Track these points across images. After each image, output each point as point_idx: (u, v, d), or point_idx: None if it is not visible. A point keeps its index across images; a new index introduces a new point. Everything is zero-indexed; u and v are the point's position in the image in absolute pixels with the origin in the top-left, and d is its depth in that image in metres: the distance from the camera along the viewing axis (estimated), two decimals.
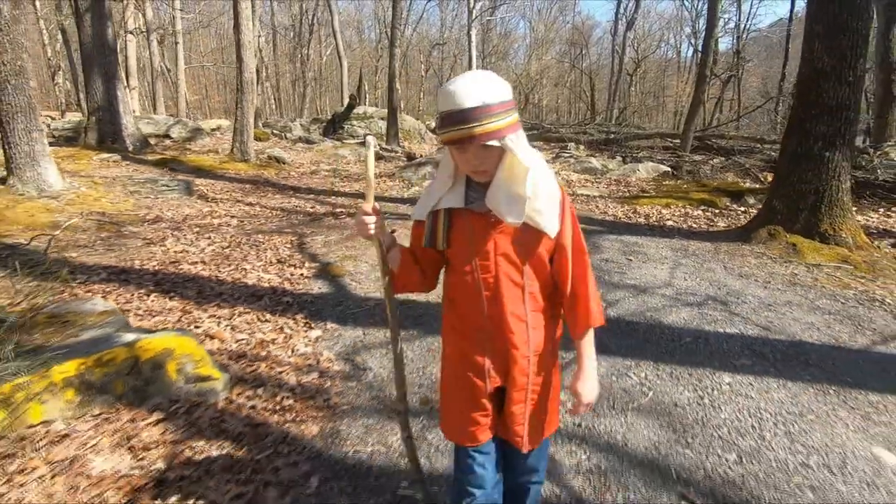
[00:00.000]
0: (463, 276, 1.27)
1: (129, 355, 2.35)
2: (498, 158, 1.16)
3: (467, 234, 1.24)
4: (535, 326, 1.27)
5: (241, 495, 1.84)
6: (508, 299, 1.23)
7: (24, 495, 1.79)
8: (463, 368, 1.32)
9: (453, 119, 1.08)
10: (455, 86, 1.08)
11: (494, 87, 1.09)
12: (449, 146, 1.16)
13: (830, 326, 3.38)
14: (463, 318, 1.30)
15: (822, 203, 4.97)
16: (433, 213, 1.26)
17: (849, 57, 4.79)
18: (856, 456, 2.13)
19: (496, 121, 1.08)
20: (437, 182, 1.28)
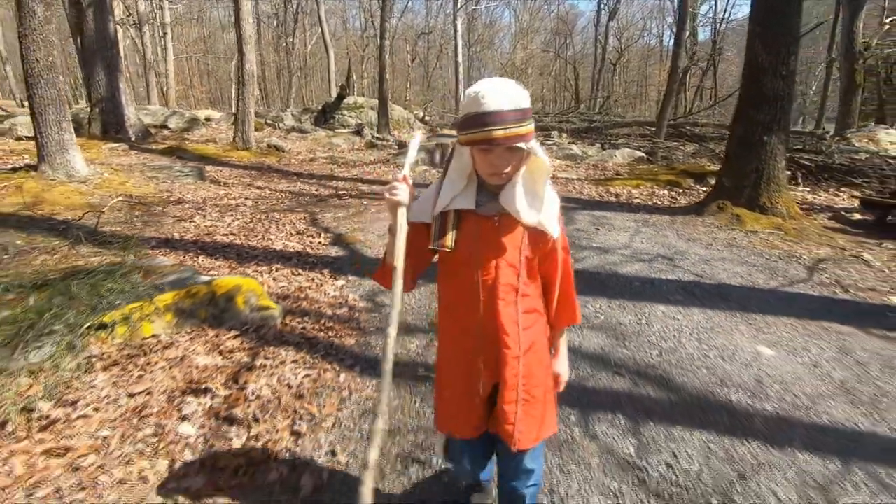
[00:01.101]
0: (462, 277, 1.31)
1: (207, 290, 3.14)
2: (518, 162, 1.21)
3: (473, 236, 1.27)
4: (525, 327, 1.32)
5: (308, 375, 2.65)
6: (503, 301, 1.28)
7: (154, 379, 2.57)
8: (457, 367, 1.38)
9: (484, 120, 1.12)
10: (487, 90, 1.13)
11: (522, 94, 1.15)
12: (472, 147, 1.19)
13: (751, 274, 4.29)
14: (458, 319, 1.35)
15: (761, 180, 5.88)
16: (443, 213, 1.28)
17: (782, 54, 5.67)
18: (743, 351, 3.01)
19: (524, 125, 1.14)
20: (449, 182, 1.28)
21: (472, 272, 1.28)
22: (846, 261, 4.76)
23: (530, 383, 1.34)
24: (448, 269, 1.35)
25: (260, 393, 2.46)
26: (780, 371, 2.80)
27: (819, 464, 2.10)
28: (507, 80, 1.16)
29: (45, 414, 2.24)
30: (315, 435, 2.22)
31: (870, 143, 13.98)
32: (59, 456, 2.03)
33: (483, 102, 1.11)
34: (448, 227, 1.26)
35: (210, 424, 2.25)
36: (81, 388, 2.43)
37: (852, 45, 15.77)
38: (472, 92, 1.14)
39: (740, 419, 2.39)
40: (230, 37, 41.52)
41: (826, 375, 2.76)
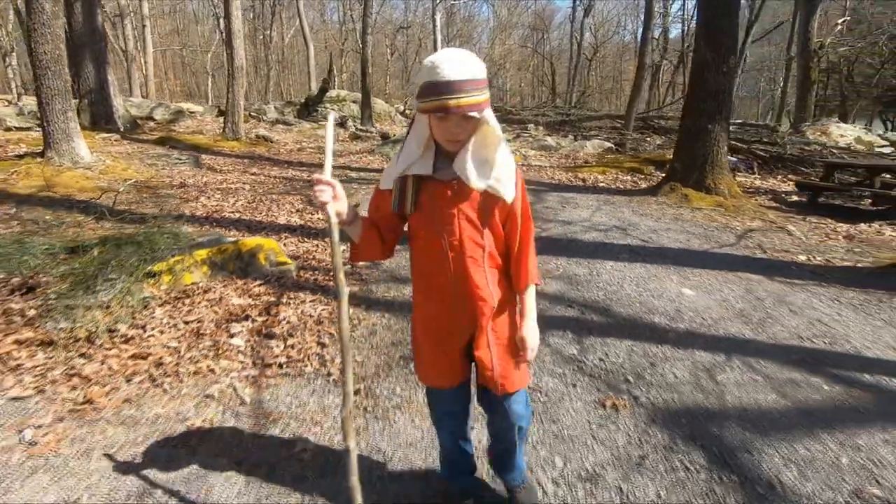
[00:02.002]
0: (429, 239, 1.40)
1: (234, 248, 3.81)
2: (473, 129, 1.28)
3: (433, 199, 1.36)
4: (494, 282, 1.43)
5: (325, 310, 3.35)
6: (471, 259, 1.38)
7: (201, 313, 3.24)
8: (433, 324, 1.48)
9: (440, 89, 1.18)
10: (443, 59, 1.19)
11: (478, 64, 1.22)
12: (430, 114, 1.26)
13: (689, 240, 5.13)
14: (430, 278, 1.45)
15: (706, 164, 6.75)
16: (401, 178, 1.36)
17: (723, 52, 6.53)
18: (670, 291, 3.82)
19: (478, 94, 1.21)
20: (407, 150, 1.35)
21: (438, 234, 1.37)
22: (772, 231, 5.64)
23: (502, 333, 1.47)
24: (415, 233, 1.44)
25: (289, 319, 3.16)
26: (696, 304, 3.61)
27: (709, 357, 2.90)
28: (462, 50, 1.23)
29: (123, 333, 2.90)
30: (336, 345, 2.93)
31: (822, 135, 15.17)
32: (143, 358, 2.70)
33: (439, 72, 1.18)
34: (407, 191, 1.36)
35: (254, 339, 2.94)
36: (145, 318, 3.09)
37: (807, 44, 16.94)
38: (429, 62, 1.21)
39: (659, 333, 3.18)
40: (204, 29, 41.41)
41: (730, 306, 3.58)
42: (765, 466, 2.06)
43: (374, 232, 1.43)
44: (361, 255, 1.47)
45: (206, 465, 1.99)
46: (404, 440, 2.18)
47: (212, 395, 2.44)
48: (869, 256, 4.82)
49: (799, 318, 3.42)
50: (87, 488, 1.86)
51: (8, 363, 2.60)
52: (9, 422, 2.20)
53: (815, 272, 4.36)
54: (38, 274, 3.49)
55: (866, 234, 5.65)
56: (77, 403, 2.32)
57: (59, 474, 1.92)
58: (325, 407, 2.39)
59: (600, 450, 2.14)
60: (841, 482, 1.99)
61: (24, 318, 3.00)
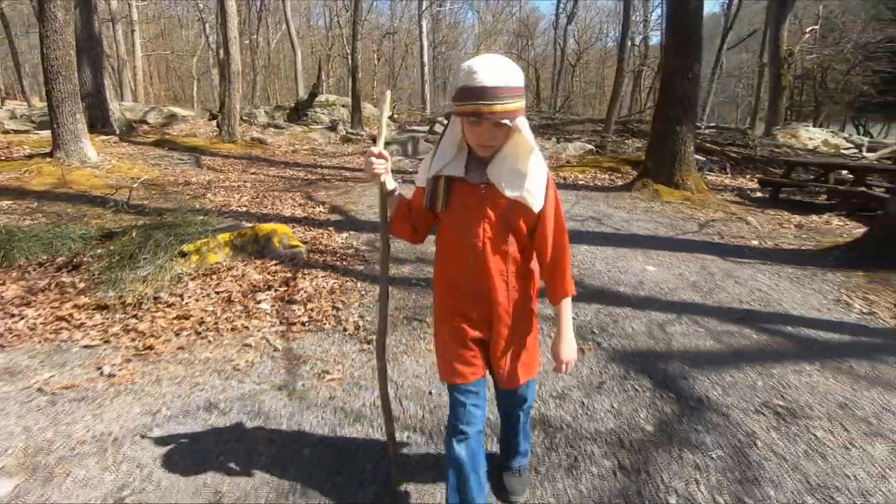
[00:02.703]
0: (454, 238, 1.44)
1: (252, 232, 4.33)
2: (505, 136, 1.31)
3: (462, 201, 1.40)
4: (514, 286, 1.46)
5: (336, 282, 3.88)
6: (492, 262, 1.41)
7: (228, 286, 3.74)
8: (452, 316, 1.52)
9: (476, 94, 1.21)
10: (482, 64, 1.22)
11: (515, 72, 1.25)
12: (463, 118, 1.29)
13: (657, 229, 5.75)
14: (452, 275, 1.49)
15: (675, 162, 7.41)
16: (434, 178, 1.40)
17: (689, 61, 7.21)
18: (635, 268, 4.41)
19: (513, 102, 1.24)
20: (441, 150, 1.40)
21: (463, 234, 1.41)
22: (732, 221, 6.30)
23: (518, 336, 1.52)
24: (443, 230, 1.49)
25: (306, 290, 3.69)
26: (656, 277, 4.21)
27: (662, 316, 3.49)
28: (501, 57, 1.26)
29: (165, 300, 3.40)
30: (348, 309, 3.47)
31: (792, 138, 16.06)
32: (186, 318, 3.21)
33: (475, 77, 1.21)
34: (439, 191, 1.40)
35: (278, 304, 3.46)
36: (181, 289, 3.59)
37: (778, 51, 17.89)
38: (468, 66, 1.24)
39: (622, 299, 3.77)
40: (189, 33, 41.63)
41: (685, 279, 4.19)
42: (697, 388, 2.65)
43: (406, 212, 1.55)
44: (394, 229, 1.58)
45: (253, 389, 2.52)
46: (411, 373, 2.72)
47: (249, 345, 2.96)
48: (813, 241, 5.48)
49: (742, 288, 4.04)
50: (163, 404, 2.37)
51: (72, 322, 3.09)
52: (87, 362, 2.70)
53: (763, 253, 5.00)
54: (78, 255, 3.97)
55: (815, 224, 6.34)
56: (139, 350, 2.83)
57: (138, 395, 2.43)
58: (344, 353, 2.92)
59: (568, 378, 2.71)
60: (754, 397, 2.58)
61: (76, 289, 3.48)
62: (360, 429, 2.26)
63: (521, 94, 1.26)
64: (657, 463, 2.10)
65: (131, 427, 2.20)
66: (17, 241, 3.97)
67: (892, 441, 2.26)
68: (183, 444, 2.11)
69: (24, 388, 2.45)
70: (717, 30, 28.02)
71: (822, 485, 1.99)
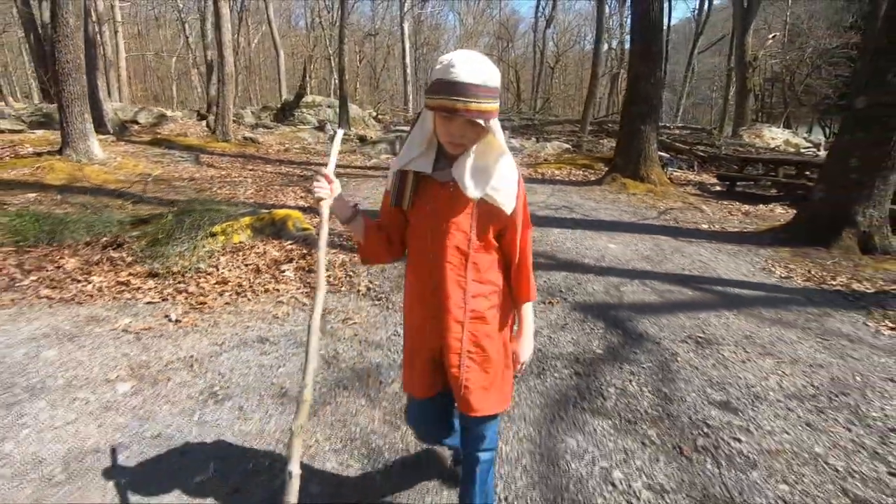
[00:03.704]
0: (418, 238, 1.41)
1: (269, 217, 5.02)
2: (476, 136, 1.27)
3: (428, 199, 1.36)
4: (474, 295, 1.39)
5: (347, 257, 4.59)
6: (450, 265, 1.36)
7: (254, 260, 4.43)
8: (413, 325, 1.51)
9: (452, 89, 1.17)
10: (461, 59, 1.18)
11: (493, 71, 1.21)
12: (436, 112, 1.23)
13: (621, 215, 6.59)
14: (416, 279, 1.46)
15: (640, 158, 8.29)
16: (401, 172, 1.35)
17: (651, 67, 8.10)
18: (598, 245, 5.22)
19: (489, 102, 1.20)
20: (410, 144, 1.35)
21: (427, 234, 1.37)
22: (688, 209, 7.18)
23: (479, 354, 1.41)
24: (411, 230, 1.43)
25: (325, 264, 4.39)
26: (615, 252, 5.02)
27: (618, 280, 4.29)
28: (482, 55, 1.21)
29: (203, 270, 4.09)
30: (358, 276, 4.19)
31: (756, 138, 17.21)
32: (225, 283, 3.90)
33: (453, 71, 1.16)
34: (406, 186, 1.34)
35: (300, 273, 4.17)
36: (215, 262, 4.27)
37: (743, 56, 19.10)
38: (446, 59, 1.20)
39: (586, 268, 4.56)
40: (166, 34, 41.66)
41: (640, 253, 5.01)
42: (638, 327, 3.44)
43: (381, 233, 1.45)
44: (367, 254, 1.50)
45: (293, 329, 3.23)
46: None
47: (282, 301, 3.66)
48: (754, 225, 6.38)
49: (686, 259, 4.87)
50: (225, 339, 3.07)
51: (130, 286, 3.76)
52: (154, 313, 3.38)
53: (710, 235, 5.87)
54: (119, 236, 4.62)
55: (761, 212, 7.26)
56: (194, 305, 3.51)
57: (204, 334, 3.13)
58: (360, 307, 3.65)
59: (539, 321, 3.48)
60: (681, 332, 3.38)
61: (125, 262, 4.14)
62: (379, 353, 2.99)
63: (497, 95, 1.24)
64: (602, 371, 2.88)
65: (206, 353, 2.90)
66: (65, 224, 4.59)
67: (777, 358, 3.08)
68: (249, 361, 2.83)
69: (112, 329, 3.13)
70: (689, 35, 29.38)
71: (721, 382, 2.79)
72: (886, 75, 4.86)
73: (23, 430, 2.21)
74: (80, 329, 3.12)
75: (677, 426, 2.40)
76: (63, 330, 3.10)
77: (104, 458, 2.07)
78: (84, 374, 2.64)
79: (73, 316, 3.29)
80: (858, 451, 2.26)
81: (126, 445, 2.14)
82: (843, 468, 2.15)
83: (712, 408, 2.55)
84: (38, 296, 3.55)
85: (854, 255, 5.07)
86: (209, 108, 18.74)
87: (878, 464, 2.18)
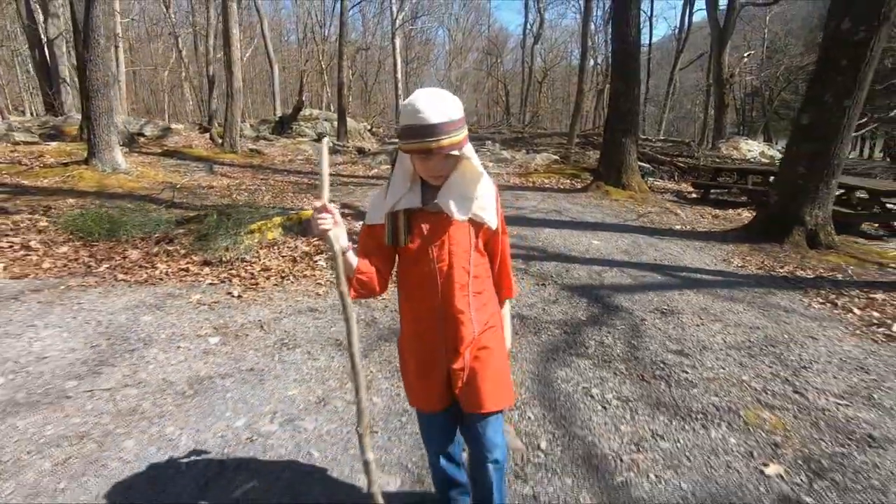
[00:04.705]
0: (420, 266, 1.51)
1: (297, 216, 5.78)
2: (454, 165, 1.44)
3: (425, 230, 1.48)
4: (478, 307, 1.55)
5: None
6: (458, 284, 1.50)
7: (288, 252, 5.18)
8: (419, 346, 1.59)
9: (421, 132, 1.32)
10: (421, 103, 1.32)
11: (454, 105, 1.36)
12: (412, 154, 1.39)
13: (604, 217, 7.45)
14: (419, 303, 1.55)
15: (622, 167, 9.19)
16: (393, 214, 1.48)
17: (631, 85, 9.03)
18: (584, 242, 6.05)
19: (457, 134, 1.36)
20: (394, 186, 1.49)
21: (429, 262, 1.48)
22: (665, 213, 8.06)
23: (484, 355, 1.56)
24: (407, 261, 1.54)
25: None
26: (599, 247, 5.85)
27: (599, 268, 5.11)
28: (440, 91, 1.36)
29: (249, 259, 4.83)
30: None
31: (734, 150, 18.33)
32: (269, 270, 4.64)
33: (420, 116, 1.31)
34: (399, 225, 1.47)
35: (331, 263, 4.92)
36: (256, 254, 5.01)
37: (721, 73, 20.35)
38: (410, 105, 1.33)
39: (573, 258, 5.38)
40: (156, 47, 42.40)
41: (619, 248, 5.85)
42: (615, 302, 4.25)
43: (367, 265, 1.51)
44: (357, 289, 1.51)
45: (335, 302, 3.99)
46: None
47: (320, 283, 4.42)
48: (721, 226, 7.27)
49: (659, 253, 5.72)
50: (281, 310, 3.82)
51: (190, 272, 4.49)
52: (218, 290, 4.12)
53: (682, 234, 6.74)
54: (168, 233, 5.35)
55: (729, 216, 8.17)
56: (248, 286, 4.26)
57: (264, 305, 3.88)
58: None
59: (535, 298, 4.27)
60: (650, 305, 4.20)
61: (179, 254, 4.87)
62: None
63: (463, 125, 1.39)
64: (585, 331, 3.68)
65: (270, 318, 3.66)
66: (121, 223, 5.31)
67: (725, 322, 3.90)
68: (306, 323, 3.59)
69: (188, 302, 3.87)
70: (671, 52, 30.79)
71: (678, 338, 3.60)
72: (824, 97, 5.79)
73: (149, 366, 2.94)
74: (163, 302, 3.85)
75: (641, 364, 3.20)
76: (148, 302, 3.83)
77: (218, 381, 2.81)
78: (179, 331, 3.38)
79: (153, 293, 4.02)
80: (774, 379, 3.07)
81: (230, 374, 2.88)
82: (760, 388, 2.96)
83: (669, 354, 3.35)
84: (116, 279, 4.27)
85: (802, 249, 5.95)
86: (210, 121, 19.48)
87: (786, 386, 2.99)
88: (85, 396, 2.62)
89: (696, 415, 2.67)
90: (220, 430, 2.40)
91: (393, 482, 2.11)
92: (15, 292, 3.88)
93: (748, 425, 2.59)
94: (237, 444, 2.31)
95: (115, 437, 2.32)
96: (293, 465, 2.19)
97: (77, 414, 2.48)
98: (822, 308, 4.27)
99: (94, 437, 2.31)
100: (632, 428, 2.54)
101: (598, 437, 2.46)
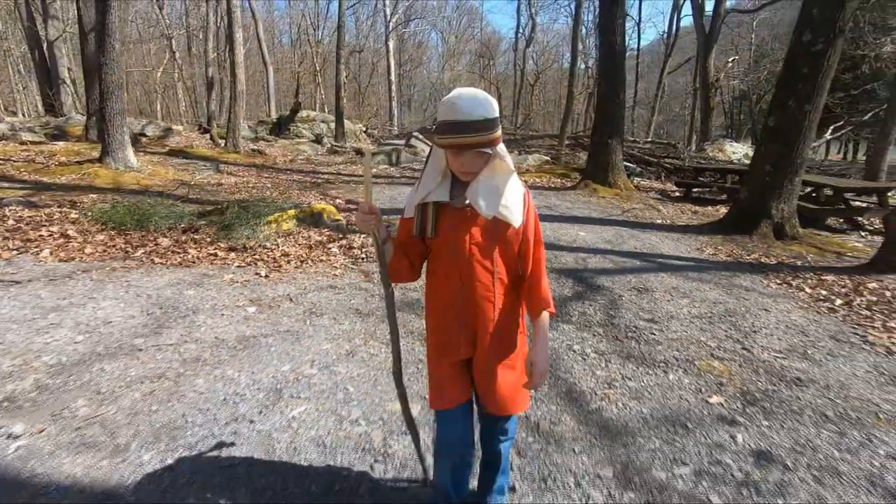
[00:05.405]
0: (443, 261, 1.58)
1: (309, 209, 6.34)
2: (485, 162, 1.47)
3: (450, 224, 1.53)
4: (501, 307, 1.58)
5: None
6: (479, 282, 1.55)
7: (303, 241, 5.73)
8: (440, 338, 1.65)
9: (457, 128, 1.38)
10: (459, 101, 1.38)
11: (490, 105, 1.40)
12: (446, 150, 1.45)
13: (591, 213, 8.07)
14: (441, 298, 1.62)
15: (608, 167, 9.83)
16: (422, 205, 1.54)
17: (616, 90, 9.68)
18: (571, 233, 6.66)
19: (491, 133, 1.40)
20: (426, 179, 1.55)
21: (452, 255, 1.54)
22: (648, 209, 8.70)
23: (502, 358, 1.61)
24: (434, 255, 1.62)
25: (357, 243, 5.72)
26: (585, 237, 6.46)
27: (585, 255, 5.71)
28: (477, 90, 1.41)
29: (269, 246, 5.38)
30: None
31: (718, 151, 19.07)
32: (288, 255, 5.20)
33: (456, 112, 1.37)
34: (428, 217, 1.53)
35: (343, 249, 5.49)
36: (275, 242, 5.56)
37: (706, 78, 21.15)
38: (448, 101, 1.40)
39: (562, 248, 5.98)
40: (149, 48, 42.72)
41: (603, 238, 6.46)
42: (597, 282, 4.85)
43: (403, 255, 1.63)
44: (392, 274, 1.65)
45: (352, 281, 4.56)
46: None
47: (336, 266, 4.99)
48: (699, 220, 7.92)
49: (639, 242, 6.34)
50: (306, 286, 4.38)
51: (218, 256, 5.03)
52: (247, 272, 4.67)
53: (662, 227, 7.37)
54: (192, 224, 5.89)
55: (708, 211, 8.82)
56: (272, 268, 4.82)
57: (289, 283, 4.44)
58: None
59: None
60: (628, 284, 4.80)
61: (206, 242, 5.41)
62: (416, 293, 4.33)
63: (498, 125, 1.42)
64: (570, 304, 4.28)
65: (297, 293, 4.22)
66: (149, 215, 5.84)
67: (692, 298, 4.51)
68: (329, 297, 4.15)
69: (222, 280, 4.42)
70: (660, 56, 31.66)
71: (650, 310, 4.21)
72: (788, 102, 6.45)
73: (200, 328, 3.50)
74: (200, 280, 4.40)
75: (616, 328, 3.80)
76: (187, 280, 4.38)
77: (262, 339, 3.37)
78: (220, 303, 3.94)
79: (189, 273, 4.57)
80: (727, 339, 3.69)
81: (270, 334, 3.45)
82: (714, 346, 3.57)
83: (641, 321, 3.96)
84: (153, 262, 4.81)
85: (769, 239, 6.60)
86: (209, 122, 19.95)
87: (736, 345, 3.60)
88: (153, 350, 3.17)
89: (658, 364, 3.27)
90: (271, 372, 2.96)
91: (415, 408, 2.68)
92: (68, 272, 4.41)
93: (700, 371, 3.19)
94: (286, 382, 2.87)
95: (187, 377, 2.87)
96: (335, 394, 2.76)
97: (151, 361, 3.03)
98: (779, 288, 4.90)
99: (170, 377, 2.87)
100: (605, 373, 3.14)
101: (577, 379, 3.05)
